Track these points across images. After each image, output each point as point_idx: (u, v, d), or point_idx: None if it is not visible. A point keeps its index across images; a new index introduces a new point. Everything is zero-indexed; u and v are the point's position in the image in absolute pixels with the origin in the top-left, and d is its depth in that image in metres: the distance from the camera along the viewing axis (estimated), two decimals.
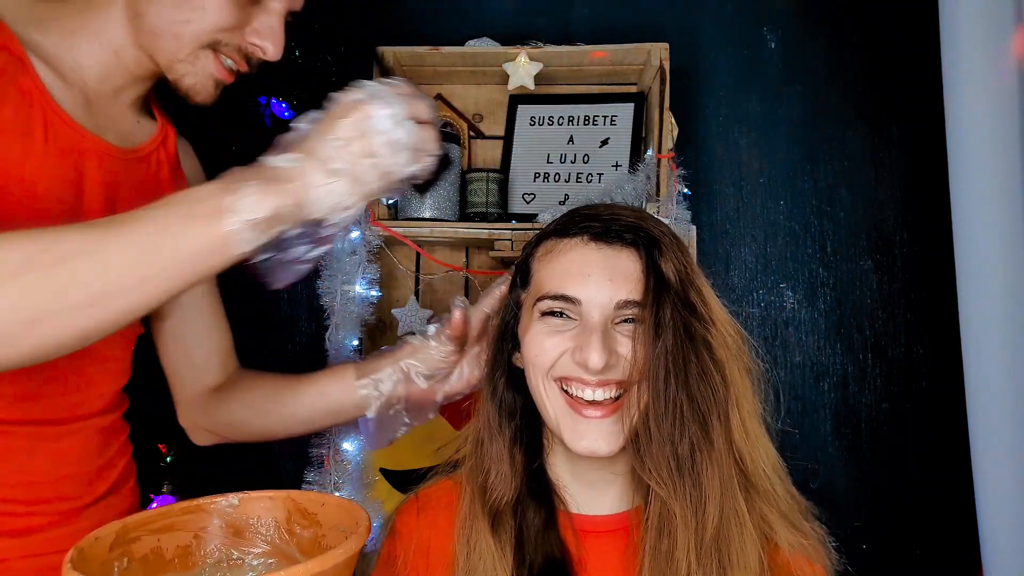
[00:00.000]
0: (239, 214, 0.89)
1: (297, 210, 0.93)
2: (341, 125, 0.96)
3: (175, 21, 1.17)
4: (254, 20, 1.21)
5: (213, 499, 1.03)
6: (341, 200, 0.96)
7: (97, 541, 0.89)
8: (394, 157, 0.98)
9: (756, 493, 1.11)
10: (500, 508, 1.17)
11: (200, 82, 1.23)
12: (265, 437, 1.46)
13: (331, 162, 0.95)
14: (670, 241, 1.14)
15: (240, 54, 1.23)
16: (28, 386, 1.18)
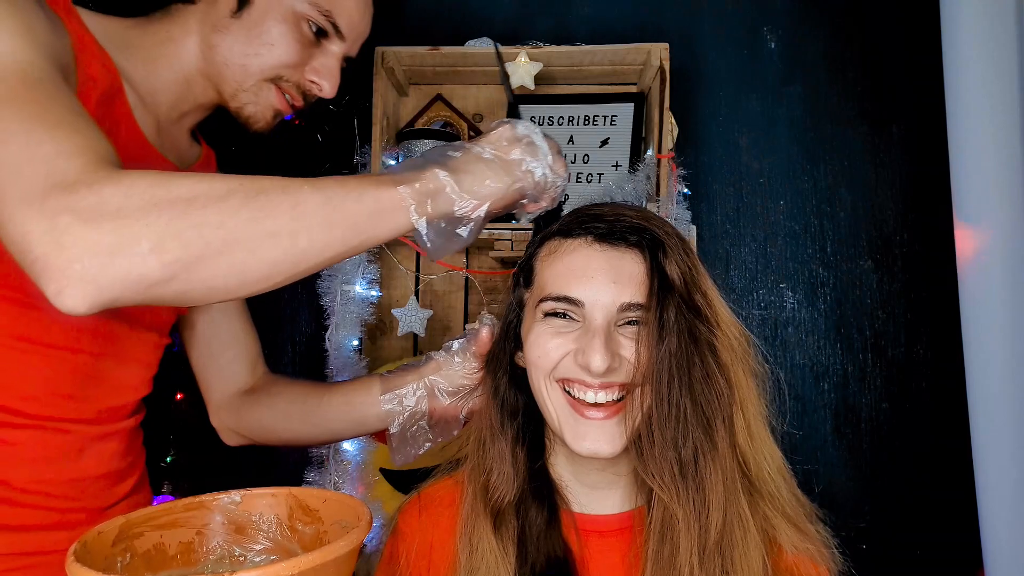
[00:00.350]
0: (410, 183, 1.00)
1: (459, 187, 1.04)
2: (494, 133, 1.13)
3: (244, 54, 1.28)
4: (314, 60, 1.33)
5: (215, 496, 1.03)
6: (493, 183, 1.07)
7: (100, 535, 0.89)
8: (534, 161, 1.12)
9: (760, 496, 1.11)
10: (502, 507, 1.16)
11: (260, 112, 1.34)
12: (291, 442, 1.51)
13: (484, 153, 1.09)
14: (675, 242, 1.13)
15: (298, 90, 1.34)
16: (76, 386, 1.23)
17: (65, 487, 1.24)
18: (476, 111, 2.34)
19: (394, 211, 0.99)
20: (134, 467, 1.40)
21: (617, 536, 1.17)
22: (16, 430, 1.17)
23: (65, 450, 1.23)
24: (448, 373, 1.37)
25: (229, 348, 1.55)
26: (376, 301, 2.11)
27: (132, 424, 1.38)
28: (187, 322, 1.53)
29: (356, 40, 1.37)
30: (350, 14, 1.32)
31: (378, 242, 1.00)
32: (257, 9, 1.27)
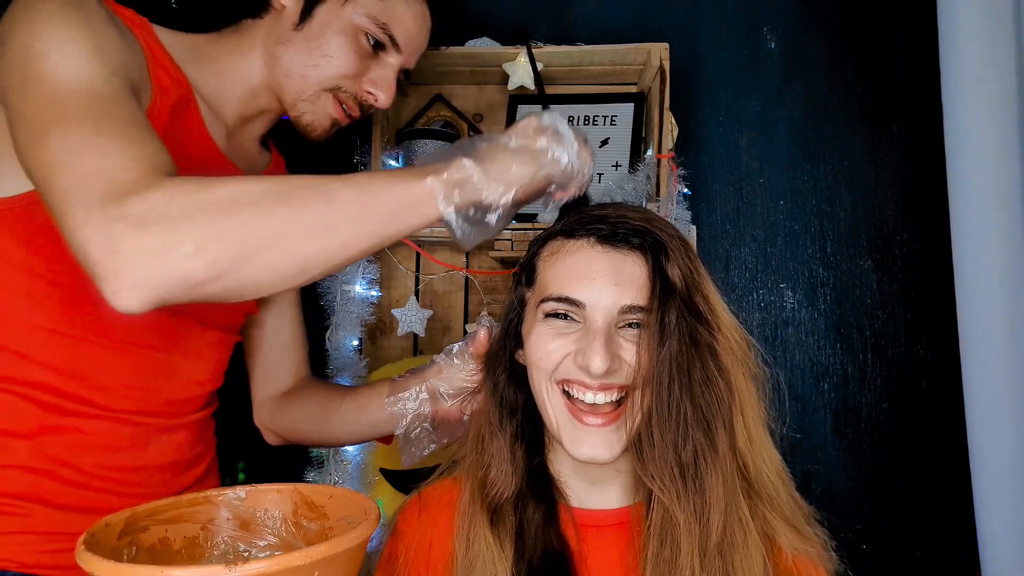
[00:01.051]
0: (438, 174, 1.02)
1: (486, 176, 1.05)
2: (520, 124, 1.15)
3: (304, 64, 1.36)
4: (371, 71, 1.39)
5: (221, 491, 1.03)
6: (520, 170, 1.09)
7: (108, 527, 0.89)
8: (560, 150, 1.12)
9: (760, 498, 1.11)
10: (500, 504, 1.17)
11: (317, 120, 1.41)
12: (317, 444, 1.64)
13: (510, 143, 1.11)
14: (677, 245, 1.13)
15: (355, 100, 1.40)
16: (142, 380, 1.31)
17: (131, 475, 1.31)
18: (476, 111, 2.34)
19: (423, 202, 1.02)
20: (201, 458, 1.47)
21: (616, 531, 1.17)
22: (88, 419, 1.24)
23: (132, 440, 1.30)
24: (448, 376, 1.40)
25: (279, 352, 1.64)
26: (376, 301, 2.11)
27: (199, 417, 1.45)
28: (255, 322, 1.62)
29: (413, 53, 1.44)
30: (407, 28, 1.39)
31: (410, 232, 1.04)
32: (318, 22, 1.35)
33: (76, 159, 0.93)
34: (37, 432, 1.22)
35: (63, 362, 1.21)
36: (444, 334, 2.33)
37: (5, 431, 1.20)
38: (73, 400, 1.23)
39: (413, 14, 1.40)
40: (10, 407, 1.20)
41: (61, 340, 1.21)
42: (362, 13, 1.35)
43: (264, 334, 1.63)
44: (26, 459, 1.21)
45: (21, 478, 1.21)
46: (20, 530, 1.20)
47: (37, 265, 1.17)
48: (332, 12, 1.35)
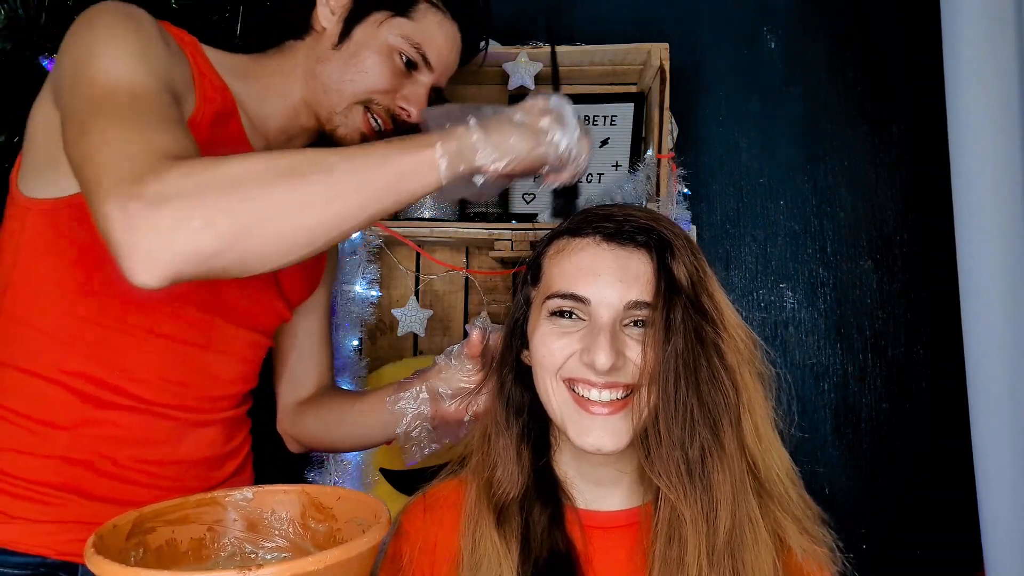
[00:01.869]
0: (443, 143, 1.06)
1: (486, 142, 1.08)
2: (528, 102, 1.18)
3: (341, 80, 1.42)
4: (404, 88, 1.45)
5: (228, 492, 1.03)
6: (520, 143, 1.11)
7: (115, 529, 0.89)
8: (561, 132, 1.14)
9: (770, 498, 1.10)
10: (506, 504, 1.16)
11: (349, 134, 1.46)
12: (334, 449, 1.71)
13: (515, 116, 1.14)
14: (683, 244, 1.12)
15: (387, 114, 1.45)
16: (176, 374, 1.36)
17: (165, 468, 1.36)
18: None
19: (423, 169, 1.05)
20: (234, 455, 1.52)
21: (622, 532, 1.16)
22: (124, 412, 1.30)
23: (166, 434, 1.35)
24: (447, 376, 1.42)
25: (305, 360, 1.69)
26: (376, 301, 2.10)
27: (232, 415, 1.49)
28: (286, 329, 1.66)
29: (444, 72, 1.51)
30: (439, 48, 1.46)
31: (417, 198, 1.08)
32: (355, 42, 1.42)
33: (106, 149, 0.99)
34: (76, 424, 1.27)
35: (102, 352, 1.28)
36: (444, 334, 2.33)
37: (47, 422, 1.27)
38: (111, 391, 1.29)
39: (445, 35, 1.47)
40: (53, 397, 1.27)
41: (101, 331, 1.27)
42: (397, 34, 1.42)
43: (293, 342, 1.68)
44: (65, 450, 1.27)
45: (60, 468, 1.27)
46: (56, 519, 1.26)
47: (83, 260, 1.25)
48: (369, 33, 1.42)
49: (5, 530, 1.24)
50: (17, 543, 1.24)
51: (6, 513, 1.25)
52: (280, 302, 1.54)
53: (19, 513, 1.25)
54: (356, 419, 1.55)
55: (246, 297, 1.45)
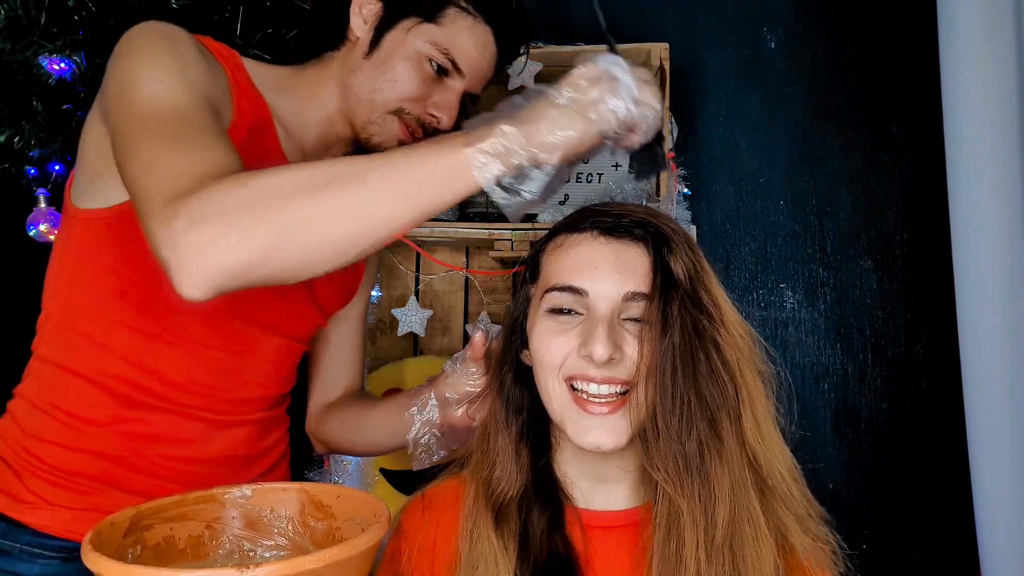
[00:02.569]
0: (480, 142, 1.02)
1: (526, 139, 1.03)
2: (573, 74, 1.11)
3: (372, 89, 1.42)
4: (435, 95, 1.44)
5: (226, 489, 1.02)
6: (565, 132, 1.04)
7: (113, 526, 0.89)
8: (616, 98, 1.06)
9: (772, 495, 1.10)
10: (504, 503, 1.16)
11: (385, 142, 1.45)
12: (352, 452, 1.72)
13: (560, 98, 1.06)
14: (680, 239, 1.12)
15: (418, 122, 1.44)
16: (208, 378, 1.39)
17: (195, 466, 1.40)
18: (480, 110, 2.33)
19: (460, 174, 1.03)
20: (268, 453, 1.55)
21: (623, 532, 1.16)
22: (155, 412, 1.35)
23: (195, 434, 1.39)
24: (454, 382, 1.41)
25: (337, 365, 1.72)
26: (376, 301, 2.11)
27: (265, 416, 1.52)
28: (322, 335, 1.69)
29: (477, 78, 1.47)
30: (468, 53, 1.44)
31: (451, 204, 1.05)
32: (385, 50, 1.42)
33: (151, 170, 1.05)
34: (111, 421, 1.33)
35: (139, 356, 1.33)
36: (444, 334, 2.33)
37: (84, 418, 1.33)
38: (144, 392, 1.34)
39: (475, 40, 1.45)
40: (91, 396, 1.33)
41: (138, 336, 1.32)
42: (425, 40, 1.41)
43: (327, 347, 1.71)
44: (98, 445, 1.33)
45: (94, 462, 1.33)
46: (91, 508, 1.31)
47: (120, 268, 1.31)
48: (398, 40, 1.42)
49: (45, 515, 1.31)
50: (54, 528, 1.31)
51: (46, 500, 1.32)
52: (314, 311, 1.56)
53: (58, 501, 1.32)
54: (373, 424, 1.57)
55: (279, 306, 1.47)
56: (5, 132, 1.86)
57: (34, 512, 1.32)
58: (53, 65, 1.79)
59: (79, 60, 1.79)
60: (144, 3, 1.79)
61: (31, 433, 1.35)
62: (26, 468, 1.34)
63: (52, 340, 1.38)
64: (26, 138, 1.87)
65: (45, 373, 1.38)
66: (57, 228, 1.95)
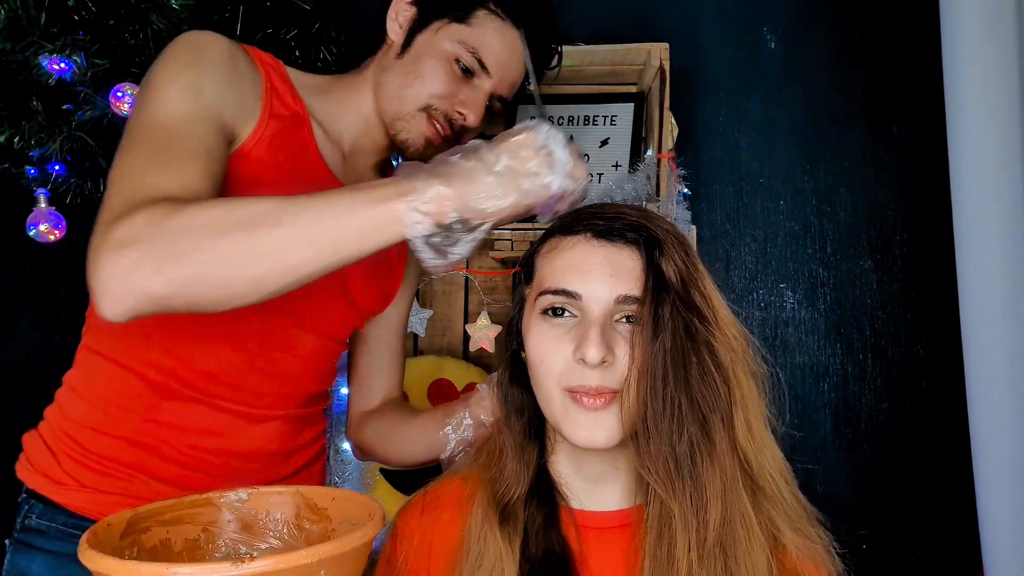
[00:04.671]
0: (414, 199, 1.05)
1: (461, 203, 1.07)
2: (511, 139, 1.13)
3: (401, 86, 1.47)
4: (462, 93, 1.47)
5: (222, 493, 1.03)
6: (498, 202, 1.09)
7: (110, 527, 0.89)
8: (552, 172, 1.12)
9: (764, 496, 1.10)
10: (509, 503, 1.17)
11: (412, 139, 1.49)
12: (387, 461, 1.71)
13: (496, 165, 1.10)
14: (673, 241, 1.13)
15: (446, 119, 1.48)
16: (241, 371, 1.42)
17: (224, 458, 1.43)
18: None
19: (390, 227, 1.06)
20: (302, 451, 1.58)
21: (617, 532, 1.17)
22: (187, 403, 1.39)
23: (225, 426, 1.42)
24: (488, 405, 1.44)
25: (376, 370, 1.74)
26: None
27: (299, 413, 1.55)
28: (360, 337, 1.73)
29: (505, 79, 1.51)
30: (497, 53, 1.47)
31: (371, 253, 1.08)
32: (415, 50, 1.48)
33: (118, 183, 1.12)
34: (145, 409, 1.38)
35: (174, 345, 1.37)
36: (444, 334, 2.33)
37: (118, 404, 1.38)
38: (178, 382, 1.38)
39: (504, 41, 1.48)
40: (127, 383, 1.38)
41: (176, 326, 1.35)
42: (454, 40, 1.45)
43: (364, 350, 1.74)
44: (132, 433, 1.37)
45: (127, 448, 1.37)
46: (122, 493, 1.36)
47: None
48: (427, 41, 1.47)
49: (78, 496, 1.36)
50: (86, 509, 1.35)
51: (80, 482, 1.37)
52: (350, 311, 1.58)
53: (92, 483, 1.36)
54: (408, 437, 1.59)
55: (316, 304, 1.49)
56: (5, 132, 1.86)
57: (69, 493, 1.37)
58: (53, 65, 1.79)
59: (79, 60, 1.80)
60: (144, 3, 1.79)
61: (70, 417, 1.40)
62: (63, 451, 1.38)
63: (98, 330, 1.43)
64: (26, 138, 1.87)
65: (88, 360, 1.43)
66: (57, 228, 1.97)
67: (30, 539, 1.39)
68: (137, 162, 1.14)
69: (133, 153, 1.16)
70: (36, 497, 1.39)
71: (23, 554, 1.40)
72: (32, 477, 1.40)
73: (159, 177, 1.11)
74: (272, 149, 1.37)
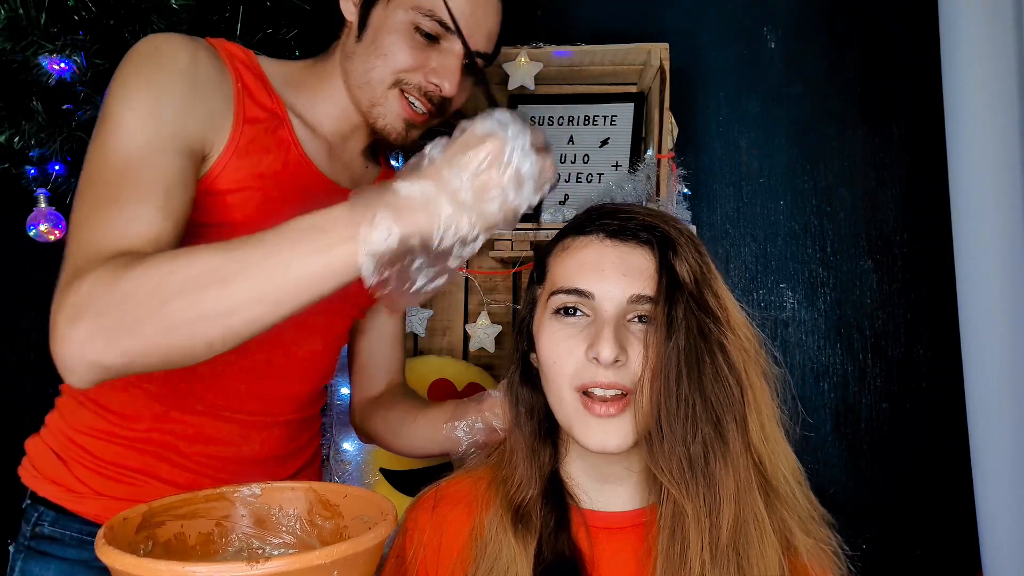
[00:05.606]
0: (369, 244, 0.97)
1: (422, 239, 0.98)
2: (471, 156, 0.99)
3: (366, 70, 1.38)
4: (432, 61, 1.36)
5: (236, 488, 1.02)
6: (465, 233, 1.00)
7: (126, 521, 0.89)
8: (518, 192, 1.00)
9: (777, 497, 1.10)
10: (522, 504, 1.16)
11: (391, 123, 1.41)
12: (394, 450, 1.68)
13: (459, 193, 0.98)
14: (686, 241, 1.13)
15: (421, 92, 1.38)
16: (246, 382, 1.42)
17: (231, 465, 1.44)
18: (477, 110, 2.32)
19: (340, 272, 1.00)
20: (300, 453, 1.59)
21: (629, 533, 1.16)
22: (194, 415, 1.39)
23: (230, 434, 1.43)
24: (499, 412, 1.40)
25: (378, 358, 1.73)
26: None
27: (297, 417, 1.54)
28: (359, 328, 1.71)
29: (479, 35, 1.37)
30: (459, 7, 1.33)
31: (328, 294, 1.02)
32: (372, 28, 1.37)
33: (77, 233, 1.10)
34: (152, 418, 1.37)
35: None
36: (444, 334, 2.33)
37: (123, 415, 1.37)
38: (183, 395, 1.37)
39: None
40: (131, 396, 1.37)
41: None
42: (407, 7, 1.33)
43: (366, 339, 1.72)
44: (140, 441, 1.37)
45: (136, 456, 1.37)
46: (135, 498, 1.29)
47: None
48: (382, 15, 1.36)
49: (93, 504, 1.36)
50: (102, 517, 1.34)
51: (93, 489, 1.36)
52: (350, 306, 1.57)
53: (104, 490, 1.36)
54: (417, 431, 1.56)
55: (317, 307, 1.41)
56: (5, 132, 1.86)
57: (83, 501, 1.36)
58: (53, 65, 1.78)
59: (79, 60, 1.79)
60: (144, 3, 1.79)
61: (76, 427, 1.39)
62: (74, 458, 1.38)
63: None
64: (26, 138, 1.87)
65: None
66: (57, 228, 1.96)
67: (43, 546, 1.38)
68: (90, 208, 1.11)
69: (87, 196, 1.13)
70: (47, 505, 1.38)
71: (36, 561, 1.39)
72: (41, 485, 1.39)
73: (111, 225, 1.08)
74: (251, 156, 1.32)
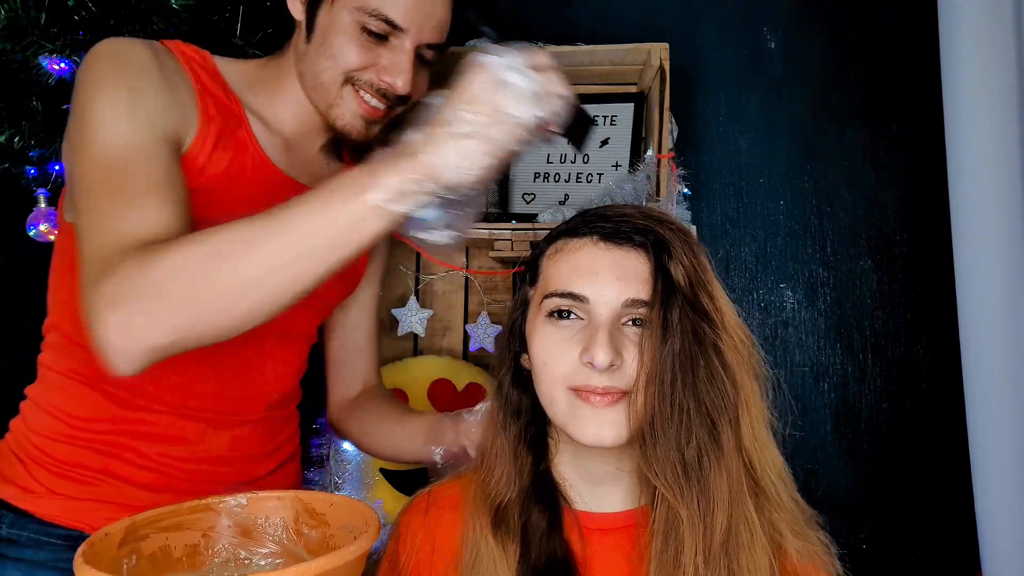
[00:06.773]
0: (379, 191, 1.00)
1: (432, 177, 1.00)
2: (465, 89, 1.01)
3: (317, 72, 1.38)
4: (383, 59, 1.36)
5: (222, 498, 1.03)
6: (472, 160, 1.00)
7: (107, 537, 0.89)
8: (518, 106, 0.99)
9: (766, 499, 1.10)
10: (503, 505, 1.16)
11: (350, 122, 1.41)
12: (370, 452, 1.71)
13: (457, 125, 1.00)
14: (682, 243, 1.12)
15: (374, 89, 1.38)
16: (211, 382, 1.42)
17: (195, 464, 1.42)
18: None
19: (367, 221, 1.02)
20: (276, 452, 1.57)
21: (620, 534, 1.17)
22: (155, 414, 1.38)
23: (194, 434, 1.41)
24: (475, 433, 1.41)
25: (352, 356, 1.73)
26: None
27: (270, 416, 1.54)
28: (330, 325, 1.72)
29: (425, 27, 1.37)
30: (404, 5, 1.34)
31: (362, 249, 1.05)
32: (320, 29, 1.37)
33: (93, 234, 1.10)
34: (110, 420, 1.36)
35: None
36: (444, 334, 2.33)
37: (83, 418, 1.36)
38: (145, 397, 1.37)
39: None
40: (90, 399, 1.36)
41: None
42: (351, 7, 1.33)
43: (337, 337, 1.73)
44: (99, 443, 1.36)
45: (96, 457, 1.36)
46: (94, 498, 1.35)
47: None
48: (328, 15, 1.36)
49: (49, 504, 1.35)
50: (58, 517, 1.34)
51: (50, 489, 1.35)
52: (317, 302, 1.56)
53: (61, 490, 1.35)
54: (394, 443, 1.58)
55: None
56: (5, 132, 1.86)
57: (39, 501, 1.35)
58: (53, 65, 1.79)
59: (79, 60, 1.79)
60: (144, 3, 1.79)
61: (35, 429, 1.39)
62: (31, 459, 1.37)
63: (55, 349, 1.41)
64: (26, 138, 1.87)
65: (49, 377, 1.41)
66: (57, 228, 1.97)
67: (2, 549, 1.37)
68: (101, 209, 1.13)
69: (94, 198, 1.14)
70: (6, 507, 1.37)
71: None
72: (2, 488, 1.39)
73: (126, 222, 1.10)
74: (216, 155, 1.33)
